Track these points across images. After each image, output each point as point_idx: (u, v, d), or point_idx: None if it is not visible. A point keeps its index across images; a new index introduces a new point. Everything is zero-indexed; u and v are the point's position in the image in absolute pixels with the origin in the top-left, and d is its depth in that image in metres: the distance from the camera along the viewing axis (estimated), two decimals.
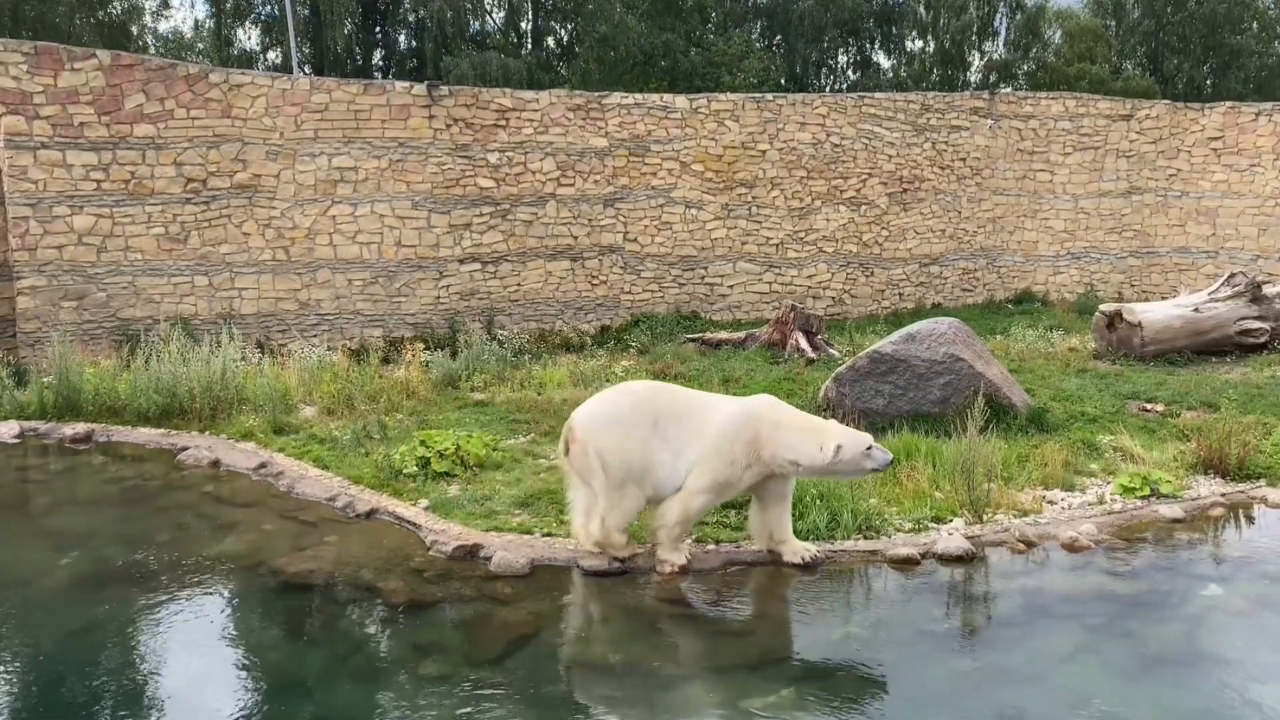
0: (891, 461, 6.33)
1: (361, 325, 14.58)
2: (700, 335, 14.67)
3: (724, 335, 14.59)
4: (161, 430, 9.69)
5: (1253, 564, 6.44)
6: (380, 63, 33.30)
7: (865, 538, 6.67)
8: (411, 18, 32.25)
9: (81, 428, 9.67)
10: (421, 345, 12.58)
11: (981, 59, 36.76)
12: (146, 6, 33.99)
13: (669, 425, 6.17)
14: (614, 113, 16.05)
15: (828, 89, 36.29)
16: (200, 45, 35.41)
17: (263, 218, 14.07)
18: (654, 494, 6.21)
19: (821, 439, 6.10)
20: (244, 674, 5.20)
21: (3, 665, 5.26)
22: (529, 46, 32.99)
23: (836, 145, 17.37)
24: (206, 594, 6.10)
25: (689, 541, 6.44)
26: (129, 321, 13.40)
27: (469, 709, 4.71)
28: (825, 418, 8.95)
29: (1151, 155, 18.76)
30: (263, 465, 8.46)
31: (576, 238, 15.88)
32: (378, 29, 32.99)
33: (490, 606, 5.81)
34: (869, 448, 6.15)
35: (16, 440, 9.52)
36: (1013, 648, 5.37)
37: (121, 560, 6.53)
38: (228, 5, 31.71)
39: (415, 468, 7.92)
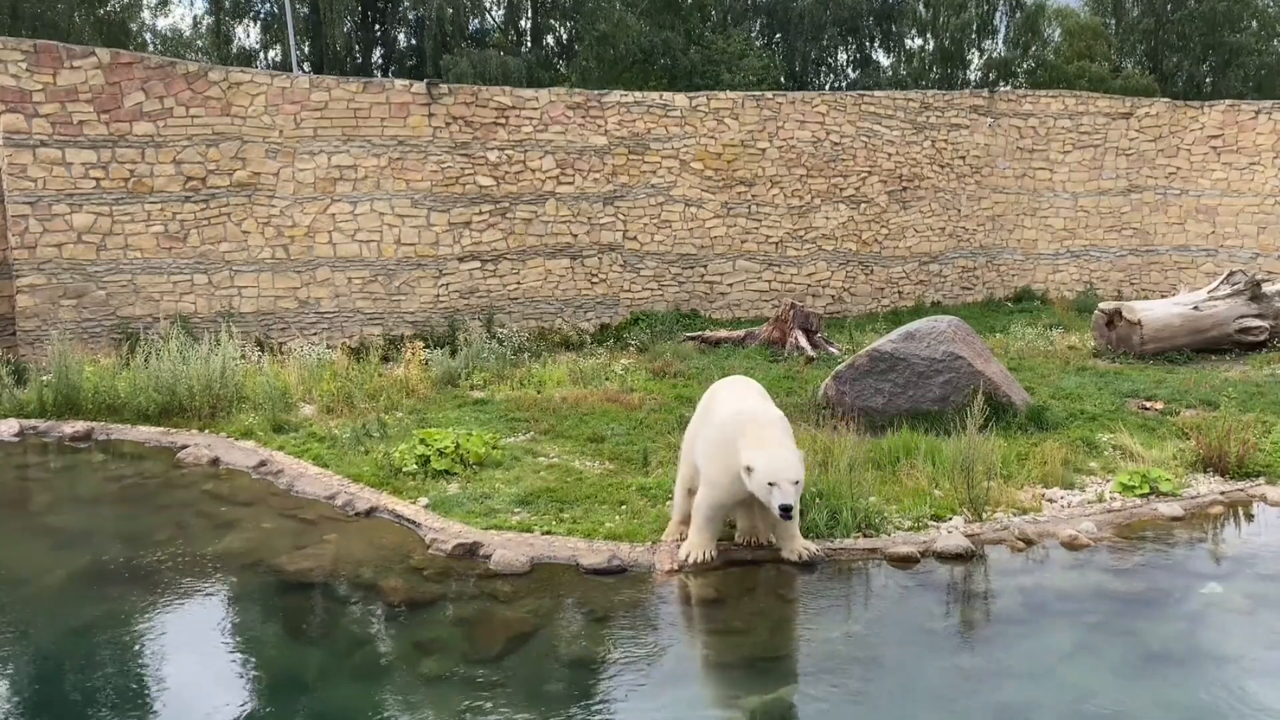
0: (786, 510, 5.64)
1: (361, 323, 14.58)
2: (700, 333, 14.66)
3: (723, 333, 14.58)
4: (161, 428, 9.69)
5: (1252, 562, 6.44)
6: (380, 61, 33.31)
7: (865, 535, 6.66)
8: (411, 16, 32.26)
9: (81, 426, 9.68)
10: (421, 343, 12.57)
11: (981, 57, 36.80)
12: (145, 3, 33.99)
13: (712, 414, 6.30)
14: (613, 111, 16.04)
15: (827, 87, 36.28)
16: (199, 43, 35.40)
17: (262, 216, 14.06)
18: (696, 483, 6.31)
19: (750, 454, 5.70)
20: (243, 672, 5.20)
21: (3, 664, 5.26)
22: (528, 44, 32.98)
23: (836, 143, 17.36)
24: (206, 592, 6.11)
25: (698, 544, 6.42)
26: (128, 320, 13.39)
27: (468, 707, 4.71)
28: (825, 416, 9.02)
29: (1151, 153, 18.76)
30: (262, 463, 8.46)
31: (576, 236, 15.87)
32: (377, 27, 32.99)
33: (490, 605, 5.81)
34: (771, 484, 5.62)
35: (16, 438, 9.52)
36: (1012, 645, 5.37)
37: (121, 558, 6.53)
38: (226, 3, 31.72)
39: (415, 466, 7.91)
